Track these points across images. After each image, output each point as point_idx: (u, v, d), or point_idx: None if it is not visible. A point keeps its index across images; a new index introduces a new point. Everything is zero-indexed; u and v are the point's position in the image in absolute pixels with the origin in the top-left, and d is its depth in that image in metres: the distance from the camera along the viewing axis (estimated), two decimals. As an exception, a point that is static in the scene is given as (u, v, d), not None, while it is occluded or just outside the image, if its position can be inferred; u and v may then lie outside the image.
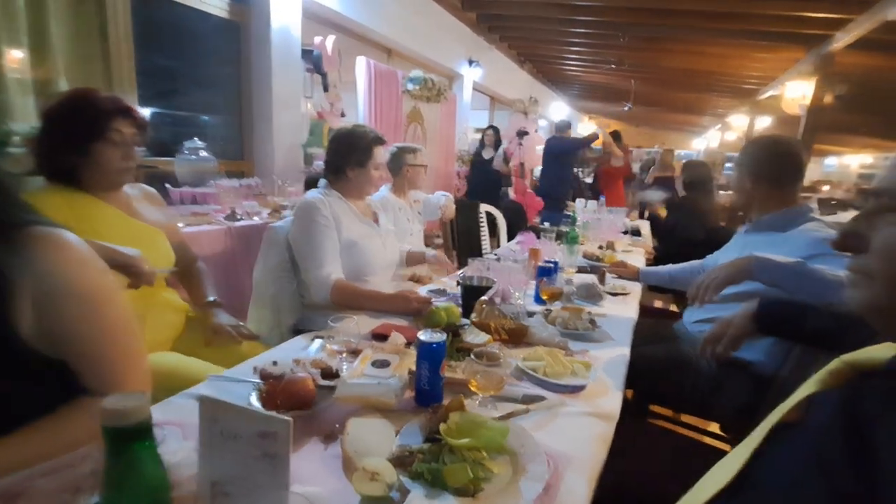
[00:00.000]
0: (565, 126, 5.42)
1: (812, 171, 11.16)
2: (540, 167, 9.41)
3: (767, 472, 0.52)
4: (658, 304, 2.64)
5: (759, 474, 0.53)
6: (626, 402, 1.08)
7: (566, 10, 5.18)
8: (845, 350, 0.57)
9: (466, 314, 1.25)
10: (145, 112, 2.96)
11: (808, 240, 1.24)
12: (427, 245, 2.60)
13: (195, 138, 2.85)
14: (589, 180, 7.85)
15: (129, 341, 0.74)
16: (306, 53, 3.92)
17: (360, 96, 4.58)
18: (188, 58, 3.27)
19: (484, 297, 1.14)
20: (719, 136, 10.58)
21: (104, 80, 2.40)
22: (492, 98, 8.62)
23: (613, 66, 6.33)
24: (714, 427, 1.52)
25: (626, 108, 9.28)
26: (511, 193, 7.59)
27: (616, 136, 5.40)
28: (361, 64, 4.50)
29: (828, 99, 4.63)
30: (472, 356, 0.82)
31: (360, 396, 0.75)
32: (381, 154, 1.55)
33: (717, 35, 4.80)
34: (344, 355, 0.90)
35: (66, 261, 0.67)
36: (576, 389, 0.89)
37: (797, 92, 4.67)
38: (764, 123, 7.47)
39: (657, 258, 2.91)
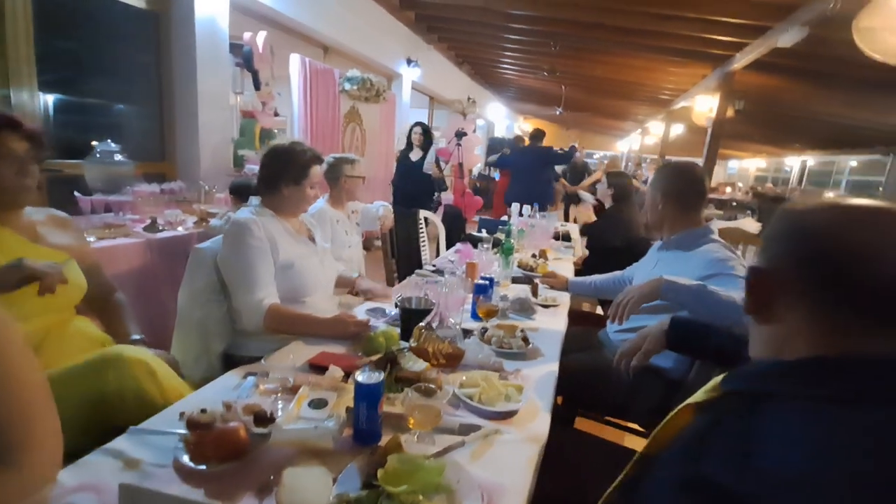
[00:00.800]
0: (542, 135, 5.52)
1: (717, 174, 12.40)
2: (479, 166, 9.59)
3: (650, 476, 0.63)
4: (585, 307, 2.82)
5: (644, 474, 0.63)
6: (555, 408, 1.16)
7: (501, 17, 5.32)
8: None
9: (405, 336, 1.27)
10: (48, 98, 2.67)
11: (708, 259, 1.40)
12: (367, 249, 2.57)
13: (108, 140, 2.60)
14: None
15: (33, 398, 0.67)
16: (235, 48, 3.71)
17: (294, 95, 4.42)
18: (99, 47, 2.98)
19: (422, 324, 1.16)
20: (640, 140, 11.40)
21: (-2, 62, 2.17)
22: (431, 98, 8.66)
23: (545, 73, 6.59)
24: (632, 441, 1.66)
25: (557, 112, 9.71)
26: (450, 196, 7.69)
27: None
28: (295, 61, 4.34)
29: (729, 112, 5.17)
30: (411, 392, 0.84)
31: (297, 441, 0.75)
32: (318, 173, 1.52)
33: (638, 49, 5.19)
34: (279, 394, 0.89)
35: None
36: (508, 415, 0.95)
37: (705, 106, 5.17)
38: (678, 131, 8.15)
39: (585, 264, 3.10)
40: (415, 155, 4.71)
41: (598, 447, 1.35)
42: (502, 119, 13.23)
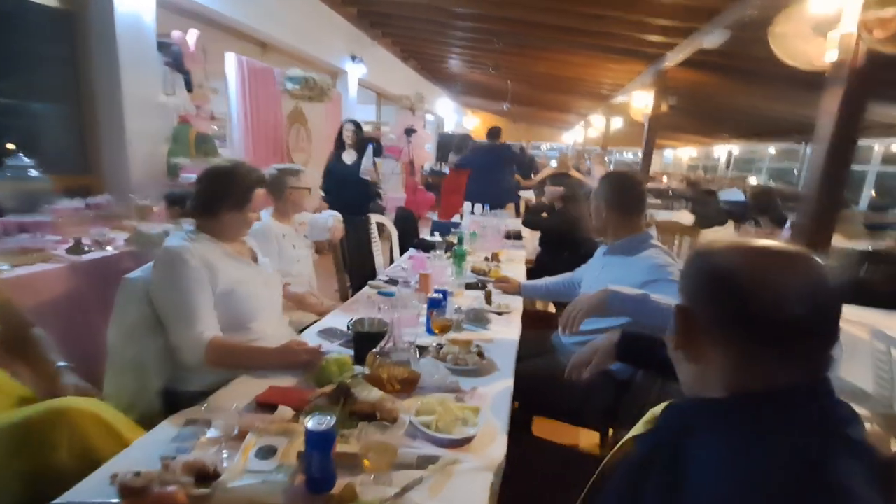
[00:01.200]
0: (499, 132, 5.46)
1: (654, 163, 13.14)
2: (430, 163, 9.57)
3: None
4: (539, 305, 2.89)
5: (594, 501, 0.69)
6: (512, 413, 1.18)
7: (444, 14, 5.31)
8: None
9: (359, 360, 1.24)
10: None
11: (649, 266, 1.47)
12: (319, 252, 2.49)
13: (20, 154, 2.35)
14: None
15: None
16: (164, 47, 3.46)
17: (231, 96, 4.20)
18: (7, 50, 2.68)
19: (375, 350, 1.14)
20: (584, 132, 11.79)
21: None
22: (378, 94, 8.51)
23: (491, 70, 6.66)
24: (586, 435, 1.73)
25: (504, 108, 9.86)
26: (402, 195, 7.62)
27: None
28: (231, 61, 4.12)
29: (664, 108, 5.45)
30: (366, 428, 0.82)
31: (244, 500, 0.71)
32: (261, 195, 1.45)
33: (577, 47, 5.35)
34: (223, 444, 0.84)
35: None
36: (466, 441, 0.95)
37: (641, 102, 5.43)
38: (617, 124, 8.52)
39: (537, 260, 3.17)
40: (348, 157, 3.94)
41: (557, 454, 1.40)
42: (451, 114, 13.24)
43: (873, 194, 8.28)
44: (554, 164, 7.41)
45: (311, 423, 0.75)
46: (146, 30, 3.17)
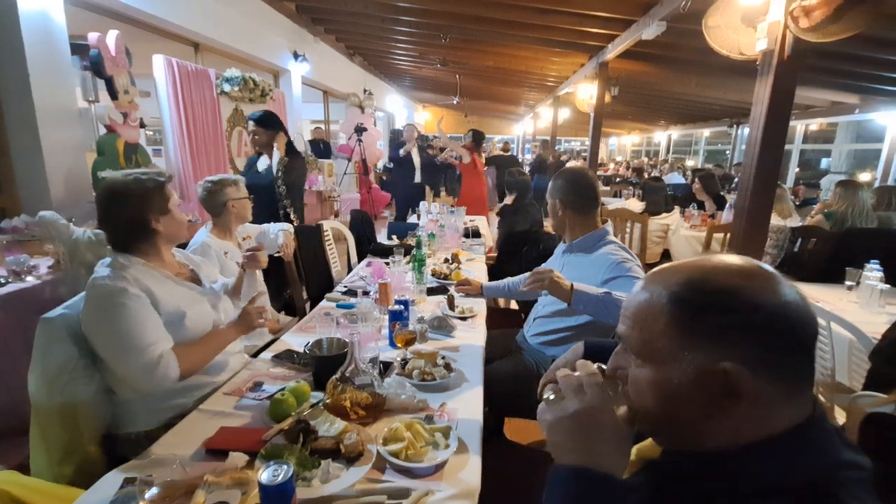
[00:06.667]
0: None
1: (601, 151, 13.65)
2: (383, 161, 9.39)
3: None
4: (501, 303, 2.89)
5: None
6: (484, 418, 1.15)
7: (388, 9, 5.19)
8: None
9: (320, 387, 1.17)
10: None
11: (608, 263, 1.48)
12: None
13: None
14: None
15: None
16: (80, 49, 3.16)
17: (163, 102, 3.91)
18: None
19: (336, 377, 1.07)
20: (533, 124, 11.98)
21: None
22: (325, 92, 8.24)
23: (439, 65, 6.60)
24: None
25: (455, 102, 9.84)
26: (356, 195, 7.44)
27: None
28: (160, 63, 3.83)
29: (607, 98, 5.62)
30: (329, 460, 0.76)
31: (196, 571, 0.63)
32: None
33: (521, 41, 5.41)
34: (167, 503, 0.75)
35: None
36: (438, 468, 0.90)
37: (586, 94, 5.56)
38: (565, 114, 8.70)
39: (499, 259, 3.17)
40: (262, 163, 2.87)
41: (525, 456, 1.38)
42: (401, 109, 13.06)
43: (797, 170, 8.96)
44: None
45: (265, 475, 0.68)
46: (57, 32, 2.89)
